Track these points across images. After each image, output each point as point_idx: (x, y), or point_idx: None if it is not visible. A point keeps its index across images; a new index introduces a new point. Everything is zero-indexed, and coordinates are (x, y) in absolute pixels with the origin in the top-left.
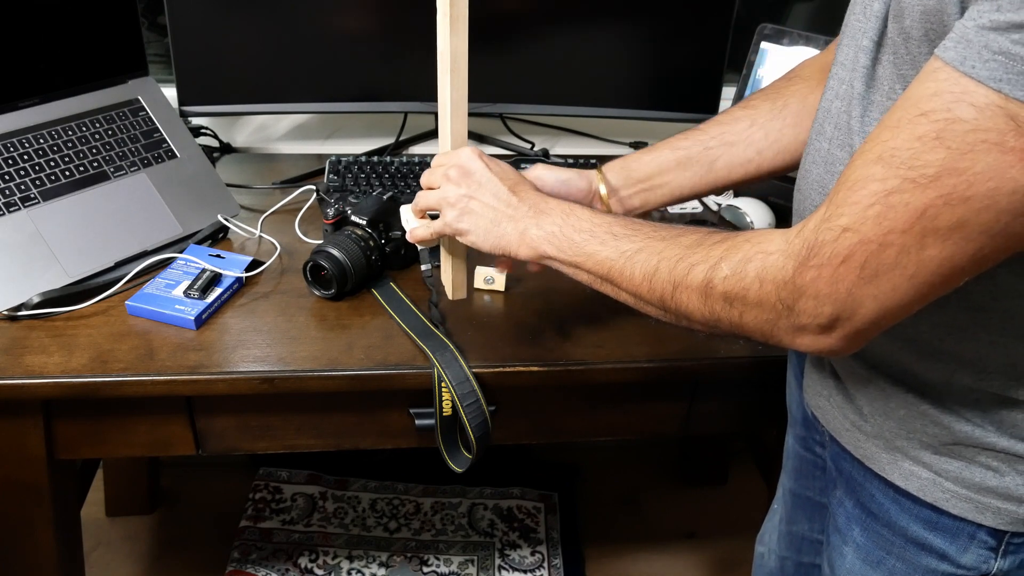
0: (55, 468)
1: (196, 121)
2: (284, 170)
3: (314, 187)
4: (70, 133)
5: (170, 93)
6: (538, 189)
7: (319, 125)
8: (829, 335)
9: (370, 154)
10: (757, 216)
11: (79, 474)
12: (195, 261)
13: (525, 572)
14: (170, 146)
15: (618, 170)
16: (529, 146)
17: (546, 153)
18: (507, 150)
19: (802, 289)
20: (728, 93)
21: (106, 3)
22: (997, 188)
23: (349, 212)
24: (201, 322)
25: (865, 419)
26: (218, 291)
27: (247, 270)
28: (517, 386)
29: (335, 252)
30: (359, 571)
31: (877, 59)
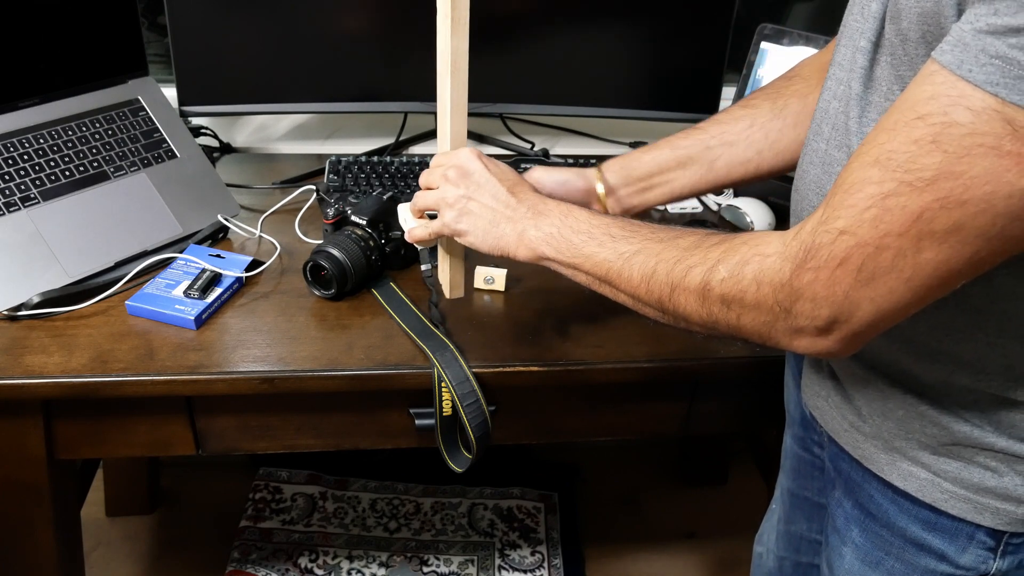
0: (55, 468)
1: (196, 121)
2: (284, 170)
3: (314, 187)
4: (70, 133)
5: (170, 93)
6: (536, 190)
7: (319, 125)
8: (826, 337)
9: (370, 154)
10: (757, 216)
11: (79, 474)
12: (195, 261)
13: (525, 572)
14: (170, 146)
15: (617, 169)
16: (529, 146)
17: (546, 153)
18: (507, 150)
19: (799, 292)
20: (728, 93)
21: (106, 3)
22: (993, 192)
23: (349, 212)
24: (201, 322)
25: (863, 419)
26: (218, 291)
27: (247, 270)
28: (517, 386)
29: (335, 252)
30: (359, 571)
31: (875, 60)
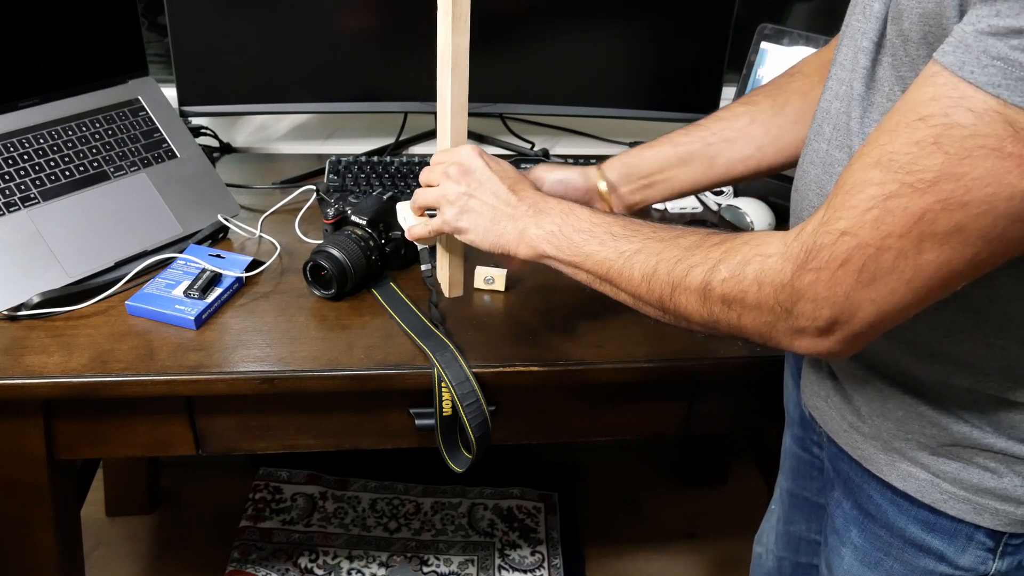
0: (55, 468)
1: (196, 121)
2: (284, 170)
3: (314, 187)
4: (70, 133)
5: (170, 93)
6: (537, 188)
7: (319, 125)
8: (827, 338)
9: (370, 154)
10: (757, 216)
11: (79, 474)
12: (195, 261)
13: (525, 572)
14: (170, 146)
15: (619, 167)
16: (529, 146)
17: (546, 153)
18: (507, 150)
19: (800, 292)
20: (728, 93)
21: (106, 3)
22: (995, 193)
23: (349, 212)
24: (201, 322)
25: (863, 420)
26: (218, 291)
27: (247, 270)
28: (517, 386)
29: (335, 252)
30: (359, 571)
31: (877, 60)
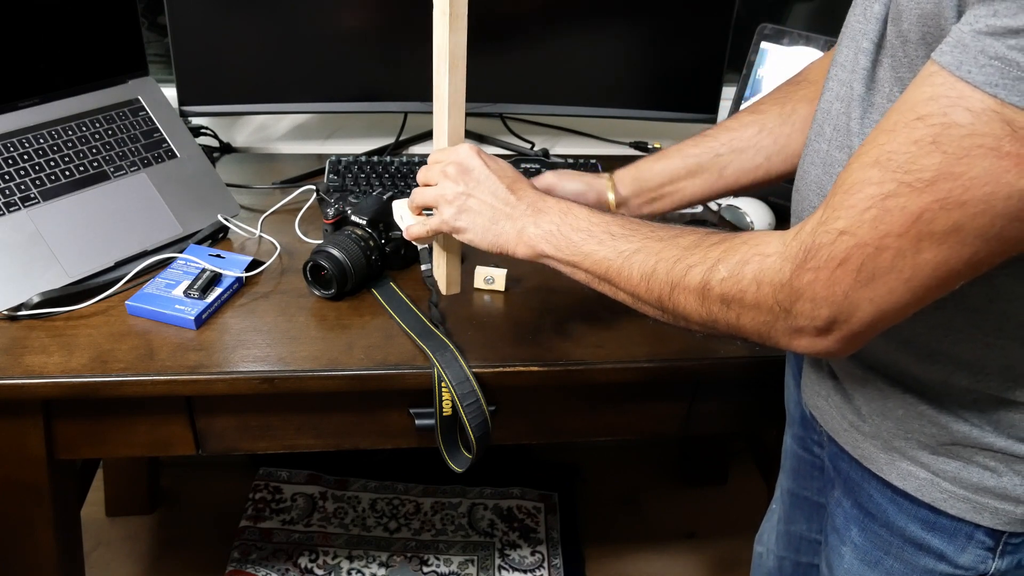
0: (55, 468)
1: (196, 121)
2: (284, 170)
3: (314, 187)
4: (70, 133)
5: (170, 93)
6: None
7: (319, 125)
8: (826, 337)
9: (370, 154)
10: (757, 216)
11: (79, 474)
12: (195, 261)
13: (525, 572)
14: (170, 146)
15: (629, 181)
16: (529, 146)
17: (546, 153)
18: (507, 150)
19: (799, 292)
20: (728, 93)
21: (106, 3)
22: (993, 193)
23: (349, 212)
24: (201, 322)
25: (863, 419)
26: (218, 291)
27: (247, 270)
28: (517, 386)
29: (335, 252)
30: (359, 571)
31: (877, 61)
